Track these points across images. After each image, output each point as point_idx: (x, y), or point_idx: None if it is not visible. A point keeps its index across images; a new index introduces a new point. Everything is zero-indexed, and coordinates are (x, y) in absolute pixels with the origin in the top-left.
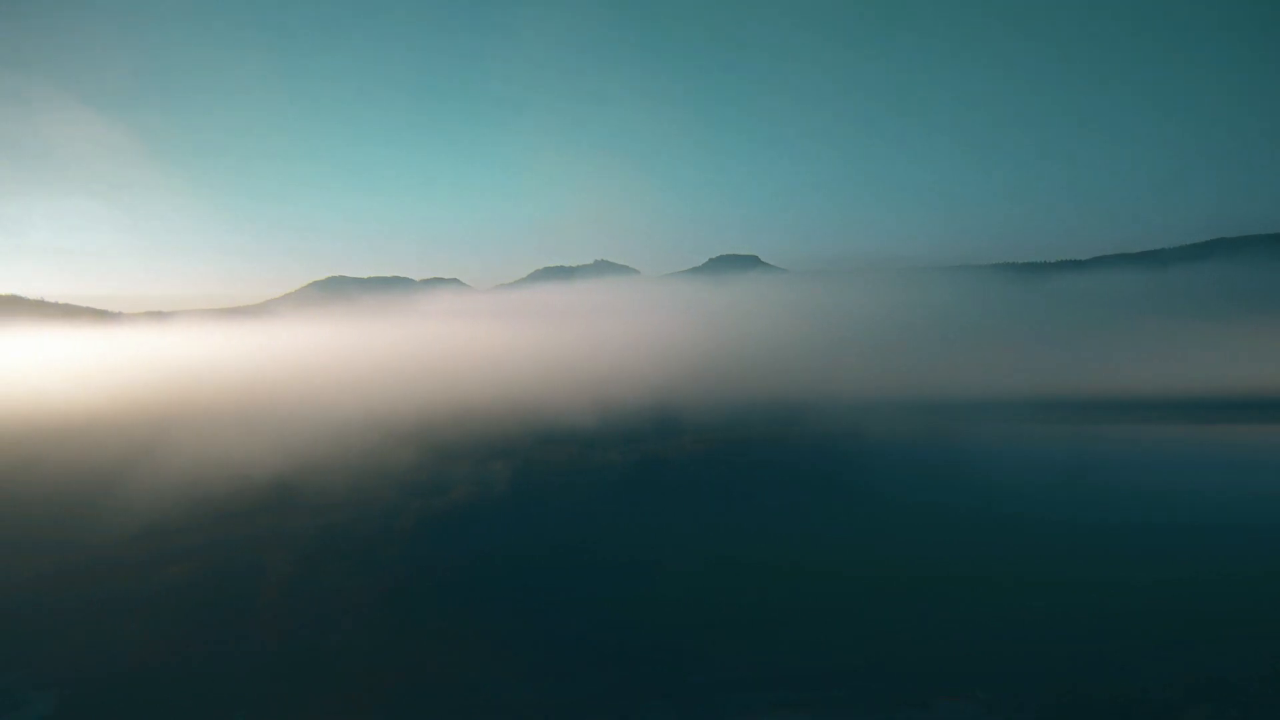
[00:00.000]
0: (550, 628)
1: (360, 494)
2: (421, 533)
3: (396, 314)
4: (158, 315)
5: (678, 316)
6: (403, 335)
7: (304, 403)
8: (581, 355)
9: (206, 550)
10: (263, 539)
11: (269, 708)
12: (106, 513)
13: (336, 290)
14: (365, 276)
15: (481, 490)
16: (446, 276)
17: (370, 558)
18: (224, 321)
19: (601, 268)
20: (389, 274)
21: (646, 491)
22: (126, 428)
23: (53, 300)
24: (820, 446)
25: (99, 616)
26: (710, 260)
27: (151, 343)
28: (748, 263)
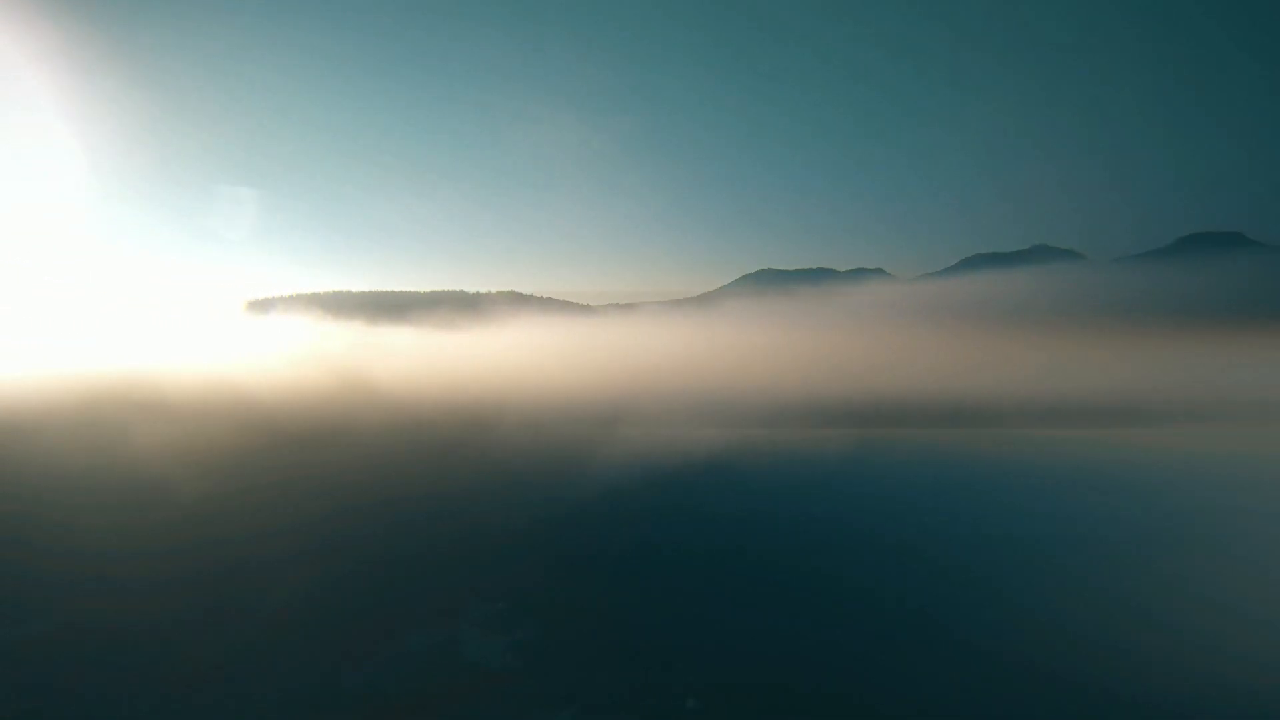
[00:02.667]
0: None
1: (789, 477)
2: (840, 516)
3: (822, 305)
4: (622, 307)
5: (1137, 305)
6: (829, 326)
7: (742, 389)
8: (1021, 348)
9: (650, 515)
10: (696, 512)
11: (686, 638)
12: (576, 476)
13: (767, 283)
14: (792, 269)
15: (905, 479)
16: (870, 266)
17: (791, 534)
18: (673, 313)
19: (1041, 253)
20: (814, 265)
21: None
22: (595, 405)
23: (542, 295)
24: None
25: (568, 564)
26: (1180, 240)
27: (618, 332)
28: (1229, 241)
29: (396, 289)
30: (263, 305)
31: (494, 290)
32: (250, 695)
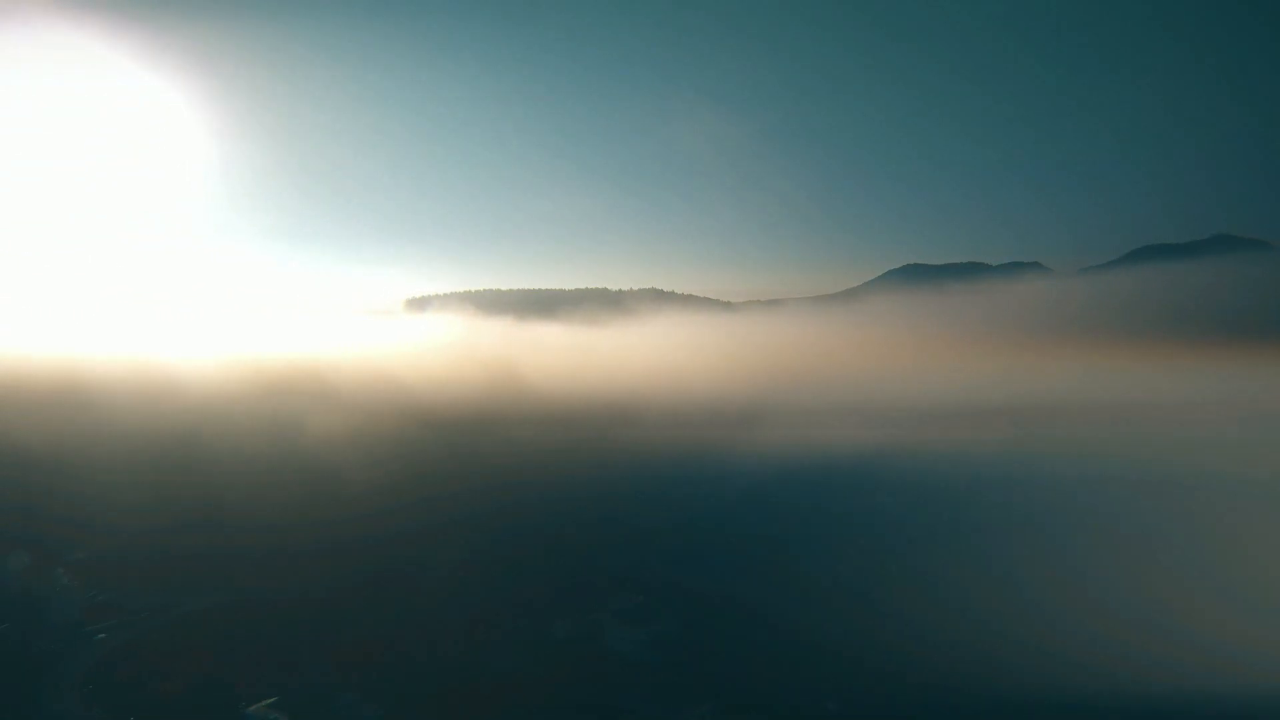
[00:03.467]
0: None
1: (934, 480)
2: (984, 519)
3: (974, 302)
4: (764, 304)
5: None
6: (982, 324)
7: (888, 389)
8: (1201, 347)
9: (789, 515)
10: (835, 513)
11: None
12: (716, 474)
13: (914, 278)
14: (940, 263)
15: (1059, 484)
16: (1026, 260)
17: (937, 536)
18: (816, 310)
19: (1222, 243)
20: (964, 259)
21: None
22: (736, 403)
23: (683, 292)
24: None
25: (706, 561)
26: None
27: (760, 329)
28: None
29: (543, 287)
30: (420, 303)
31: (636, 288)
32: (408, 667)
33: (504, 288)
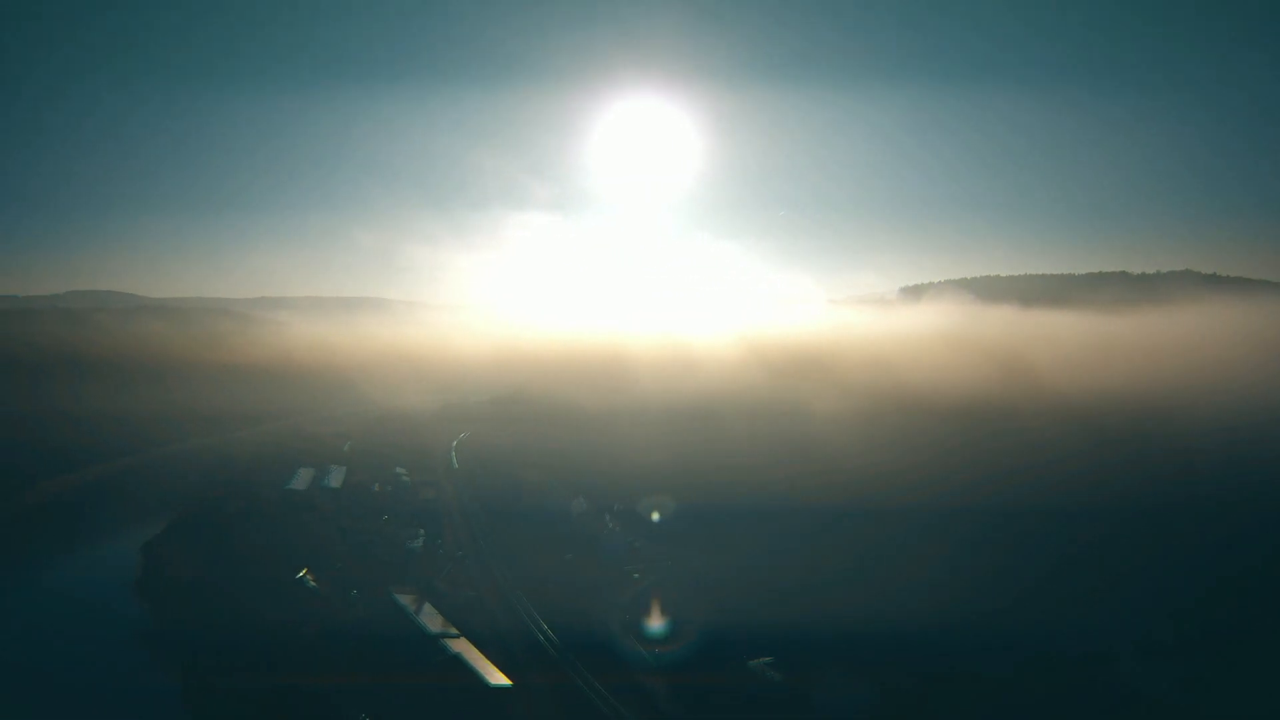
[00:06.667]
0: None
1: None
2: None
3: None
4: None
5: None
6: None
7: None
8: None
9: None
10: None
11: None
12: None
13: None
14: None
15: None
16: None
17: None
18: None
19: None
20: None
21: None
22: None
23: (1230, 275)
24: None
25: (1245, 590)
26: None
27: None
28: None
29: (1050, 272)
30: (915, 291)
31: (1166, 270)
32: (895, 649)
33: (1004, 274)
